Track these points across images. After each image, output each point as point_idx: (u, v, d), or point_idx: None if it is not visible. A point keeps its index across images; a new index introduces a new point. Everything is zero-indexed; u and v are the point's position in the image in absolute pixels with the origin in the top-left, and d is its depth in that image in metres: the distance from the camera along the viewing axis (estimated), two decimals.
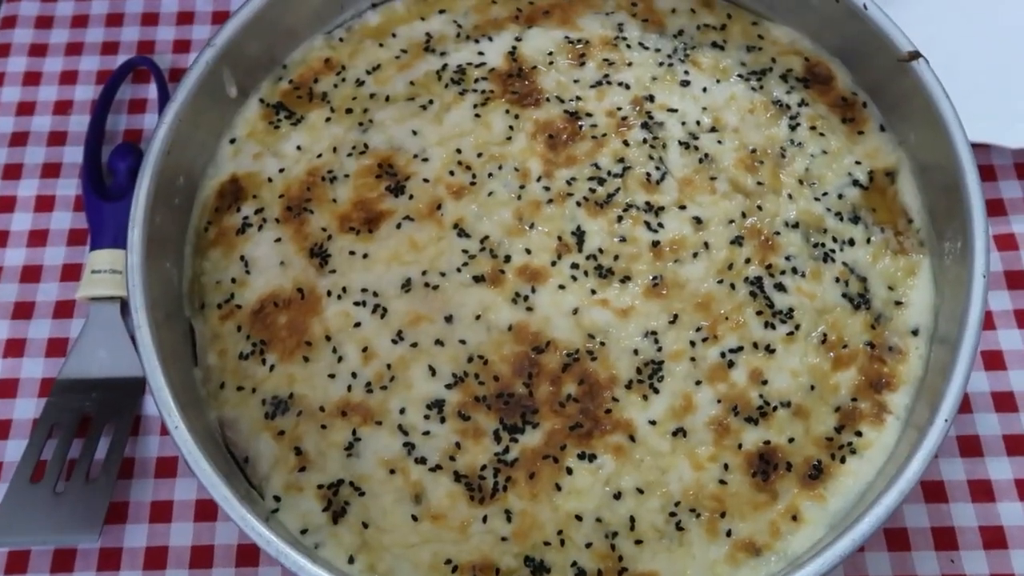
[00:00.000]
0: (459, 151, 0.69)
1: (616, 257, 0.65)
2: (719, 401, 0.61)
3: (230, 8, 0.86)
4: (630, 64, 0.71)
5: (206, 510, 0.67)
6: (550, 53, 0.72)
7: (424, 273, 0.65)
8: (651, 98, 0.70)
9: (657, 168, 0.67)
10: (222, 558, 0.66)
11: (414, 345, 0.63)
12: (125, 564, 0.65)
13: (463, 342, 0.63)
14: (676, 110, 0.69)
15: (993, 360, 0.70)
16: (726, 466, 0.60)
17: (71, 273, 0.75)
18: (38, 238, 0.77)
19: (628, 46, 0.72)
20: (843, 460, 0.60)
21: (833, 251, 0.65)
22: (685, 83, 0.70)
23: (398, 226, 0.66)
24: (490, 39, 0.73)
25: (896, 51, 0.65)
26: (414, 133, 0.69)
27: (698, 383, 0.62)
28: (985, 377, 0.69)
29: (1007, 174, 0.76)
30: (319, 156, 0.69)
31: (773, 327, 0.63)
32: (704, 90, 0.70)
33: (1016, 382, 0.69)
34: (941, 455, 0.67)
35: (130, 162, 0.77)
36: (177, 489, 0.68)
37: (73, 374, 0.70)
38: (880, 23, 0.66)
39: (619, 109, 0.70)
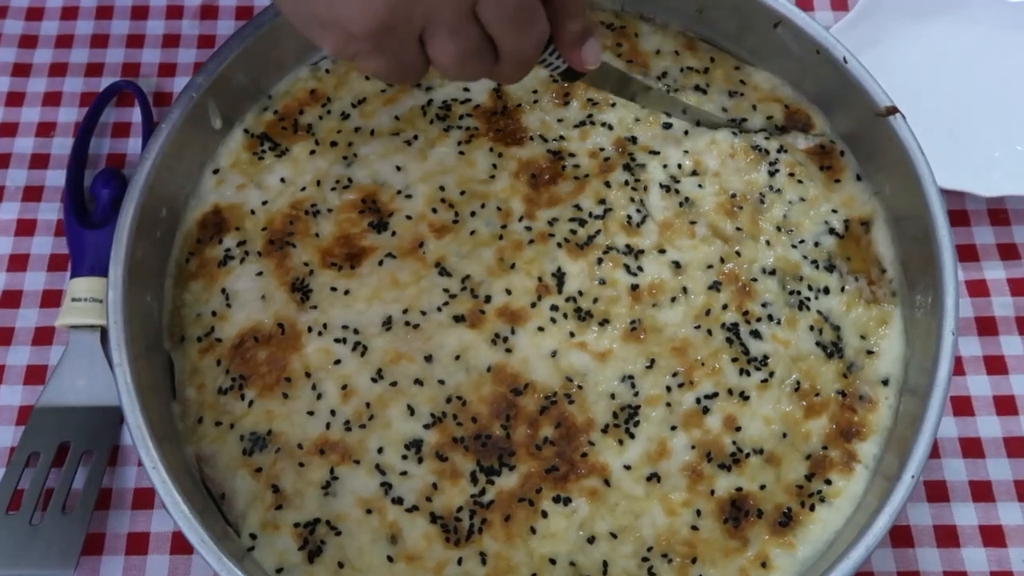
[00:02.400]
0: (442, 188, 0.69)
1: (595, 300, 0.65)
2: (693, 447, 0.62)
3: (216, 32, 0.86)
4: (613, 105, 0.72)
5: (182, 543, 0.67)
6: (535, 91, 0.72)
7: (405, 311, 0.65)
8: (633, 140, 0.71)
9: (638, 211, 0.68)
10: None
11: (393, 384, 0.63)
12: None
13: (442, 382, 0.63)
14: (658, 152, 0.70)
15: (962, 406, 0.71)
16: (698, 512, 0.61)
17: (51, 299, 0.75)
18: (18, 263, 0.76)
19: None
20: (812, 508, 0.61)
21: (808, 299, 0.66)
22: (667, 126, 0.71)
23: (380, 263, 0.67)
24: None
25: (874, 105, 0.66)
26: (398, 169, 0.70)
27: (673, 428, 0.62)
28: (953, 423, 0.71)
29: (980, 220, 0.78)
30: (303, 189, 0.69)
31: (748, 374, 0.64)
32: (686, 133, 0.71)
33: (983, 428, 0.71)
34: (908, 500, 0.68)
35: (113, 189, 0.76)
36: (154, 521, 0.68)
37: (51, 402, 0.70)
38: (859, 76, 0.67)
39: (602, 150, 0.70)
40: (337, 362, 0.64)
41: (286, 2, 0.53)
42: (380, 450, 0.62)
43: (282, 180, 0.70)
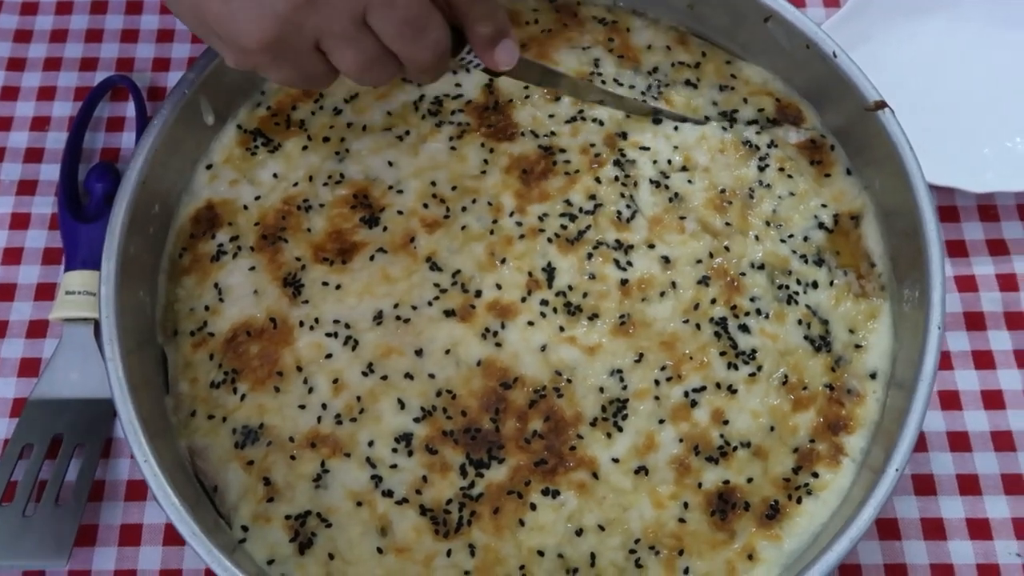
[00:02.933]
0: (434, 183, 0.69)
1: (585, 295, 0.66)
2: (681, 440, 0.62)
3: None
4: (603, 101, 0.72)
5: (175, 534, 0.67)
6: (526, 87, 0.73)
7: (396, 306, 0.66)
8: (624, 135, 0.71)
9: (628, 206, 0.69)
10: None
11: (384, 378, 0.64)
12: None
13: (432, 376, 0.64)
14: (648, 148, 0.71)
15: (949, 400, 0.72)
16: (686, 505, 0.61)
17: (45, 292, 0.75)
18: (12, 256, 0.77)
19: (603, 81, 0.73)
20: (799, 501, 0.62)
21: (797, 293, 0.67)
22: (657, 121, 0.71)
23: (371, 258, 0.67)
24: (467, 71, 0.73)
25: (863, 100, 0.66)
26: (390, 164, 0.70)
27: (661, 422, 0.63)
28: (941, 417, 0.71)
29: (970, 216, 0.78)
30: (295, 185, 0.70)
31: (736, 368, 0.64)
32: (676, 128, 0.71)
33: (971, 423, 0.71)
34: (896, 493, 0.68)
35: (106, 183, 0.77)
36: (147, 513, 0.68)
37: (45, 395, 0.71)
38: (848, 71, 0.67)
39: (592, 145, 0.71)
40: (328, 356, 0.64)
41: (187, 18, 0.54)
42: (371, 443, 0.62)
43: (275, 175, 0.70)
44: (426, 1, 0.53)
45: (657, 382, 0.64)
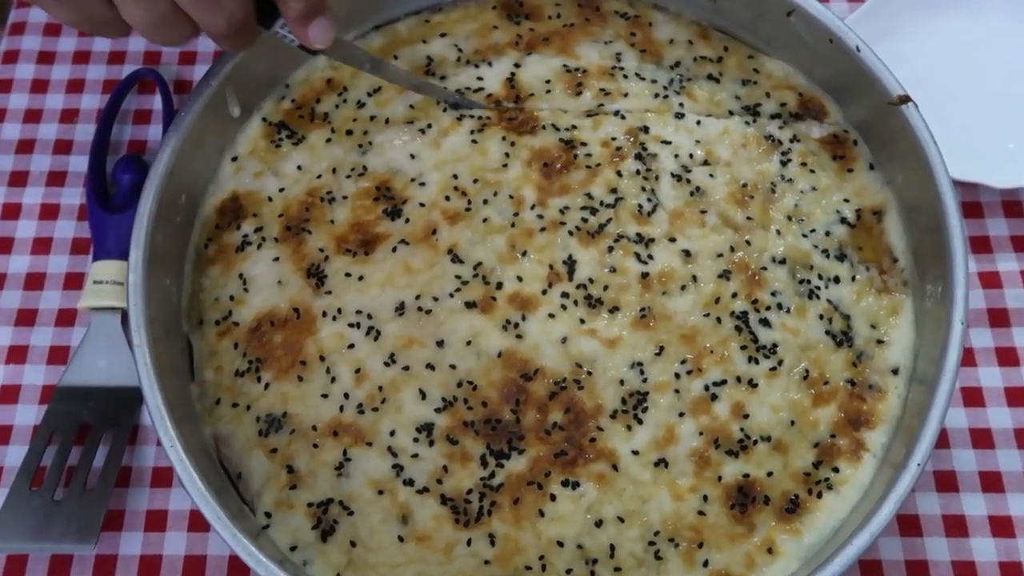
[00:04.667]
0: (455, 176, 0.70)
1: (606, 287, 0.66)
2: (701, 433, 0.63)
3: None
4: (626, 94, 0.72)
5: (200, 521, 0.68)
6: (548, 81, 0.73)
7: (417, 297, 0.66)
8: (645, 129, 0.71)
9: (649, 200, 0.69)
10: (214, 569, 0.67)
11: (406, 368, 0.64)
12: (120, 571, 0.67)
13: (453, 367, 0.64)
14: (670, 142, 0.71)
15: (972, 397, 0.72)
16: (705, 497, 0.61)
17: (74, 282, 0.77)
18: (42, 246, 0.78)
19: (625, 76, 0.73)
20: (819, 495, 0.61)
21: (818, 288, 0.67)
22: (679, 115, 0.71)
23: (394, 249, 0.68)
24: (489, 64, 0.74)
25: (886, 94, 0.66)
26: (412, 157, 0.71)
27: (681, 415, 0.63)
28: (964, 413, 0.71)
29: (994, 211, 0.78)
30: (319, 177, 0.71)
31: (756, 362, 0.64)
32: (698, 123, 0.71)
33: (993, 419, 0.71)
34: (917, 489, 0.68)
35: (134, 175, 0.78)
36: (172, 499, 0.69)
37: (73, 382, 0.72)
38: (872, 65, 0.67)
39: (613, 139, 0.71)
40: (351, 346, 0.65)
41: None
42: (392, 433, 0.63)
43: (299, 167, 0.71)
44: None
45: (677, 375, 0.64)
